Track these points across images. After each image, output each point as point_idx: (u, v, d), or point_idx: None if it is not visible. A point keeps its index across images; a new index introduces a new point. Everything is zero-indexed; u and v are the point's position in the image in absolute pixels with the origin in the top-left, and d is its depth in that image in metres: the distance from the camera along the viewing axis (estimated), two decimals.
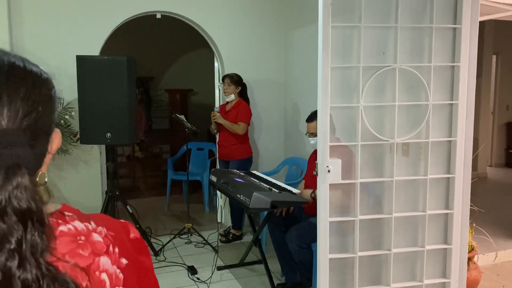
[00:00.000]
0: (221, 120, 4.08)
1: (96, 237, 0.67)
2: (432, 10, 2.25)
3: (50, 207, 0.65)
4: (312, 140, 3.19)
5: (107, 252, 0.67)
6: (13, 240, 0.54)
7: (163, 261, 3.81)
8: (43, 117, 0.63)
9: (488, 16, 3.38)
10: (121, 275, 0.68)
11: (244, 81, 4.22)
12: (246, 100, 4.23)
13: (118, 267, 0.68)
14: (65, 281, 0.57)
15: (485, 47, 6.78)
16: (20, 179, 0.56)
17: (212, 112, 4.16)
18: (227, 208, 4.47)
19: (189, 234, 4.32)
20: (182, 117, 4.31)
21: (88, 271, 0.63)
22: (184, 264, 3.73)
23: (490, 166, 7.71)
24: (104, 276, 0.65)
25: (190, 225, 4.28)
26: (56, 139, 0.68)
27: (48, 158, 0.67)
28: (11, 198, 0.55)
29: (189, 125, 4.22)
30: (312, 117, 3.19)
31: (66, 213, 0.67)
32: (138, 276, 0.72)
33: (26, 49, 3.82)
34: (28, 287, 0.53)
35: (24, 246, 0.54)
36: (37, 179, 0.62)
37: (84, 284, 0.61)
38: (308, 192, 3.05)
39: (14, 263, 0.53)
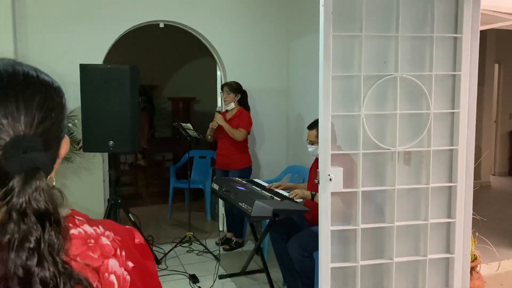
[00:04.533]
0: (222, 122, 4.06)
1: (105, 240, 0.70)
2: (433, 19, 2.27)
3: (62, 211, 0.67)
4: (310, 148, 3.21)
5: (115, 255, 0.70)
6: (33, 240, 0.57)
7: (165, 269, 3.80)
8: (56, 124, 0.66)
9: (489, 25, 3.39)
10: (128, 277, 0.70)
11: (244, 89, 4.24)
12: (247, 108, 4.23)
13: (125, 270, 0.71)
14: (80, 279, 0.60)
15: (488, 56, 6.79)
16: (38, 182, 0.59)
17: (216, 113, 4.16)
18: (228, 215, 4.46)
19: (190, 243, 4.32)
20: (189, 125, 4.31)
21: (98, 272, 0.65)
22: (186, 273, 3.73)
23: (493, 174, 7.69)
24: (112, 277, 0.68)
25: (192, 233, 4.27)
26: (65, 145, 0.71)
27: (57, 163, 0.70)
28: (31, 200, 0.58)
29: (195, 133, 4.22)
30: (313, 124, 3.20)
31: (76, 217, 0.70)
32: (143, 280, 0.75)
33: (30, 57, 3.85)
34: (46, 285, 0.56)
35: (42, 245, 0.57)
36: None
37: (94, 284, 0.64)
38: (308, 192, 3.08)
39: (33, 262, 0.56)
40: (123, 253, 0.71)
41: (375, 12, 2.23)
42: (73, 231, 0.67)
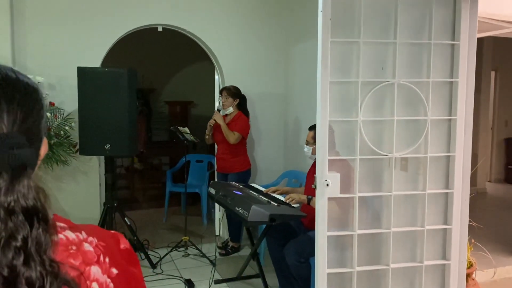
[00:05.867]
0: (221, 121, 4.07)
1: (87, 247, 0.69)
2: (431, 26, 2.28)
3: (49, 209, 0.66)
4: (305, 148, 3.22)
5: (97, 262, 0.69)
6: (20, 238, 0.56)
7: (160, 274, 3.78)
8: (37, 122, 0.66)
9: (486, 33, 3.41)
10: (111, 285, 0.69)
11: (243, 94, 4.24)
12: (246, 112, 4.24)
13: (108, 277, 0.69)
14: (66, 280, 0.59)
15: (484, 63, 6.83)
16: (27, 179, 0.59)
17: (215, 112, 4.17)
18: (225, 220, 4.45)
19: (186, 247, 4.30)
20: (186, 129, 4.32)
21: (80, 279, 0.64)
22: (181, 278, 3.71)
23: (489, 181, 7.71)
24: (94, 285, 0.67)
25: (187, 238, 4.26)
26: (44, 145, 0.70)
27: (37, 165, 0.69)
28: (19, 198, 0.57)
29: (192, 137, 4.23)
30: (314, 126, 3.21)
31: (57, 223, 0.68)
32: (128, 286, 0.73)
33: (28, 60, 3.85)
34: (32, 285, 0.55)
35: (29, 243, 0.56)
36: None
37: None
38: (304, 196, 3.08)
39: (19, 261, 0.55)
40: (107, 259, 0.70)
41: (373, 19, 2.24)
42: None
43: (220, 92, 4.25)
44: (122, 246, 0.77)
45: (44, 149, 0.70)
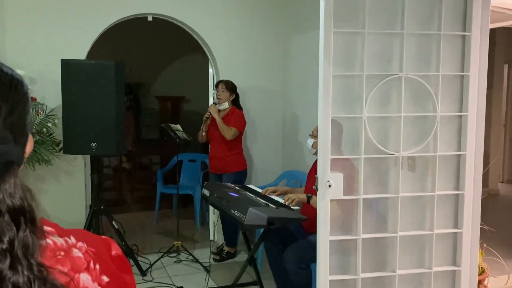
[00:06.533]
0: (216, 114, 4.08)
1: (76, 252, 0.68)
2: (440, 16, 2.28)
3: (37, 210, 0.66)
4: (308, 140, 3.22)
5: (87, 269, 0.68)
6: (5, 240, 0.55)
7: (150, 281, 3.78)
8: (22, 117, 0.66)
9: (499, 24, 3.42)
10: None
11: (238, 90, 4.24)
12: (240, 108, 4.24)
13: (99, 285, 0.69)
14: (56, 286, 0.58)
15: (496, 56, 6.84)
16: (13, 177, 0.58)
17: (211, 105, 4.18)
18: (220, 224, 4.45)
19: (178, 253, 4.30)
20: (178, 126, 4.32)
21: (69, 286, 0.64)
22: (173, 285, 3.71)
23: (502, 182, 7.73)
24: None
25: (180, 243, 4.25)
26: (29, 142, 0.70)
27: (24, 161, 0.69)
28: (5, 197, 0.56)
29: (185, 135, 4.22)
30: None
31: (44, 227, 0.67)
32: None
33: (7, 51, 3.82)
34: None
35: (16, 246, 0.55)
36: None
37: None
38: (304, 194, 3.08)
39: (5, 264, 0.54)
40: (97, 266, 0.70)
41: (379, 8, 2.24)
42: None
43: (216, 85, 4.25)
44: (113, 252, 0.77)
45: (29, 146, 0.69)
